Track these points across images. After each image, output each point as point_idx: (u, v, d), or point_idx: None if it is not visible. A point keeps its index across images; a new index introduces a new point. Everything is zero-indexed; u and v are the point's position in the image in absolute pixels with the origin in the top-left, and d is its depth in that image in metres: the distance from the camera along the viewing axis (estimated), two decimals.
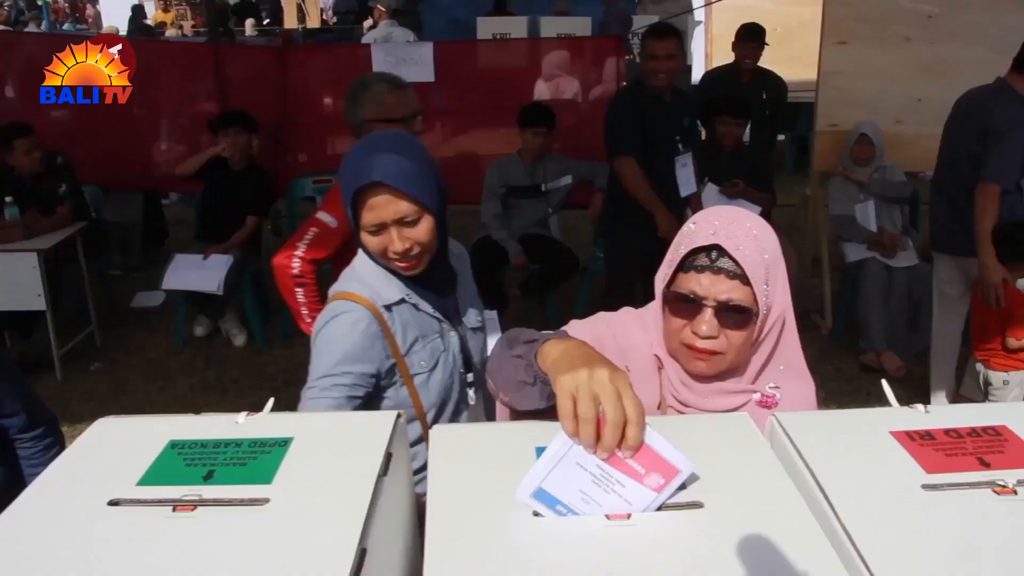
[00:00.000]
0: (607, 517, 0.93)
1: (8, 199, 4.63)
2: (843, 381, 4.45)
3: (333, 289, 1.81)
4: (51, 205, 4.84)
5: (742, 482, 0.99)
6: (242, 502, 0.96)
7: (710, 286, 1.31)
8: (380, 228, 1.64)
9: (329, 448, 1.07)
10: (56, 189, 4.90)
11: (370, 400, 1.74)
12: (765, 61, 5.97)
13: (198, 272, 4.87)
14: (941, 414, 1.13)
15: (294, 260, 2.66)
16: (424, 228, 1.66)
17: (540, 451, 1.05)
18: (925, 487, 0.96)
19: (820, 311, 5.14)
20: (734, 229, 1.32)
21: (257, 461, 1.05)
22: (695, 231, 1.35)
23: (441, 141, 5.79)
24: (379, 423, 1.12)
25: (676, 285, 1.36)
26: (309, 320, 2.65)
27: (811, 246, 5.33)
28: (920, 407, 1.15)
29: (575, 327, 1.48)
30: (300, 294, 2.70)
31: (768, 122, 6.13)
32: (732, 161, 4.87)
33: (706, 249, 1.32)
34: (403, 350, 1.75)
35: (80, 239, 4.91)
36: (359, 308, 1.72)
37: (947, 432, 1.07)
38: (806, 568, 0.85)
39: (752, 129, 5.77)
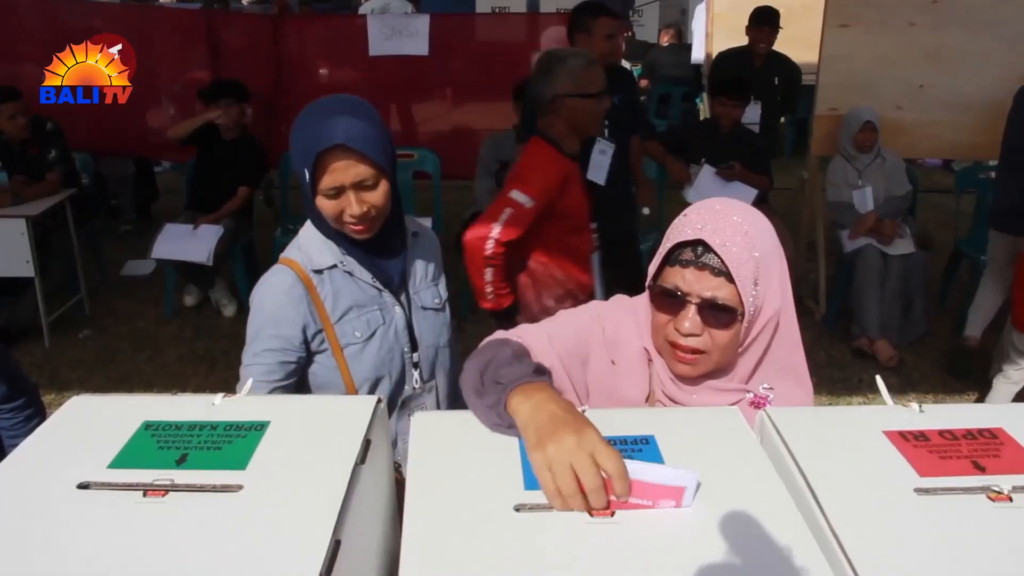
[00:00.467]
0: (590, 514, 0.90)
1: None
2: (835, 368, 4.43)
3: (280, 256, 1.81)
4: (40, 171, 4.78)
5: (729, 480, 0.97)
6: (215, 488, 0.94)
7: (694, 282, 1.26)
8: (338, 192, 1.63)
9: (306, 433, 1.05)
10: (45, 155, 4.83)
11: (304, 369, 1.75)
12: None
13: (188, 242, 4.82)
14: (936, 414, 1.10)
15: (488, 242, 2.60)
16: (381, 192, 1.66)
17: (523, 442, 1.02)
18: (918, 491, 0.93)
19: (814, 296, 5.11)
20: (723, 224, 1.26)
21: (232, 445, 1.02)
22: (684, 223, 1.30)
23: (435, 115, 5.74)
24: (358, 408, 1.09)
25: (662, 279, 1.32)
26: (491, 300, 2.70)
27: (807, 231, 5.29)
28: (915, 405, 1.12)
29: (563, 318, 1.46)
30: (489, 274, 2.67)
31: (780, 108, 6.09)
32: (729, 142, 4.83)
33: (692, 243, 1.27)
34: (333, 318, 1.74)
35: (70, 206, 4.85)
36: (286, 271, 1.73)
37: (941, 433, 1.04)
38: (792, 572, 0.82)
39: (763, 114, 5.72)
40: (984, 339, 4.19)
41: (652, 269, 1.34)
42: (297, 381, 1.76)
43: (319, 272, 1.74)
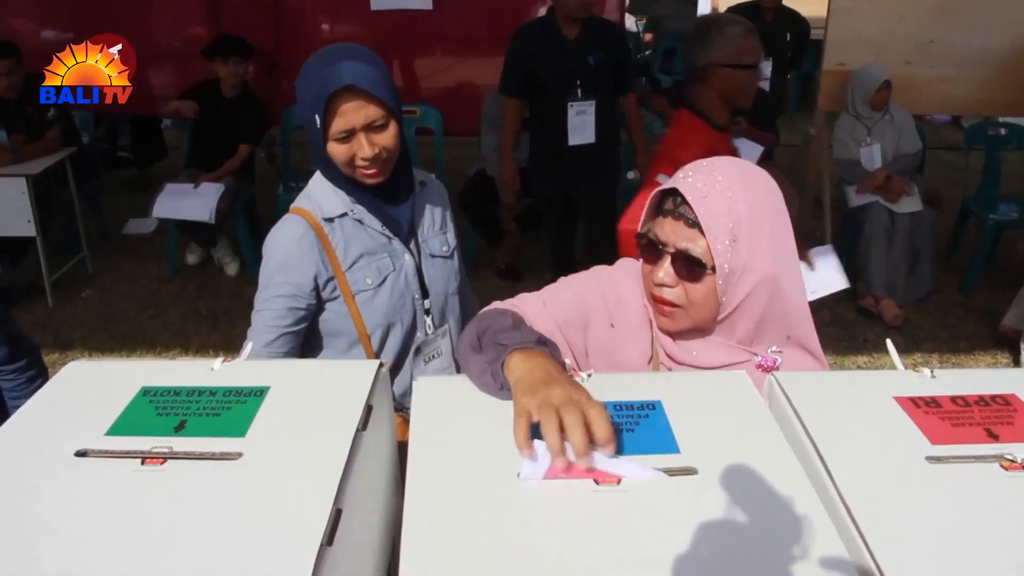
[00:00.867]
0: (596, 482, 0.88)
1: None
2: (840, 327, 4.41)
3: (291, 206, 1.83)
4: (40, 129, 4.74)
5: (737, 446, 0.95)
6: (213, 456, 0.92)
7: (671, 232, 1.26)
8: (349, 135, 1.63)
9: (306, 399, 1.03)
10: (44, 113, 4.78)
11: (315, 316, 1.77)
12: None
13: (189, 200, 4.79)
14: (948, 379, 1.08)
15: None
16: (391, 133, 1.67)
17: None
18: (929, 459, 0.91)
19: None
20: (706, 177, 1.25)
21: (231, 411, 1.01)
22: (676, 174, 1.29)
23: (438, 71, 5.66)
24: (360, 373, 1.07)
25: (648, 227, 1.31)
26: None
27: (813, 188, 5.24)
28: (926, 371, 1.10)
29: (563, 284, 1.44)
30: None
31: (790, 64, 6.01)
32: None
33: (672, 193, 1.27)
34: (344, 265, 1.76)
35: (70, 164, 4.81)
36: (298, 219, 1.75)
37: (954, 400, 1.02)
38: (801, 540, 0.81)
39: (773, 70, 5.65)
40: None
41: (643, 217, 1.33)
42: (308, 329, 1.77)
43: (330, 220, 1.75)
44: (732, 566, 0.78)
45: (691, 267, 1.25)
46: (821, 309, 4.56)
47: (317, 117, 1.61)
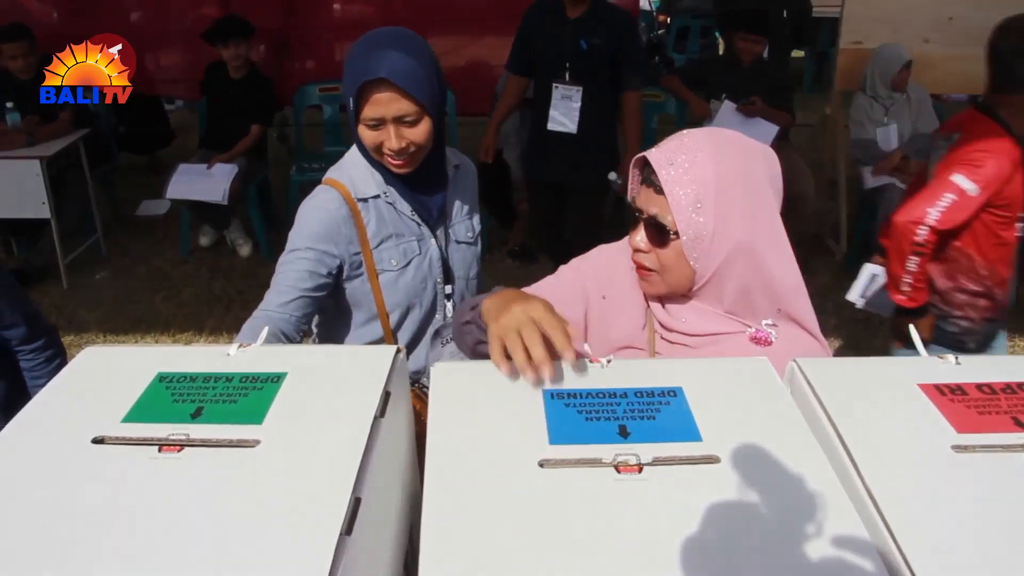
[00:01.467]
0: (617, 470, 0.87)
1: (9, 105, 4.53)
2: (856, 309, 4.37)
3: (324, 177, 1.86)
4: (52, 111, 4.74)
5: (760, 435, 0.93)
6: (230, 443, 0.92)
7: (645, 199, 1.32)
8: (379, 123, 1.66)
9: (323, 385, 1.02)
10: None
11: (335, 288, 1.80)
12: None
13: (202, 182, 4.80)
14: (973, 366, 1.06)
15: (921, 228, 2.43)
16: (422, 129, 1.68)
17: (547, 394, 1.00)
18: (955, 448, 0.90)
19: (835, 235, 5.05)
20: (675, 145, 1.29)
21: (248, 398, 1.00)
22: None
23: (450, 50, 5.62)
24: (377, 358, 1.06)
25: (634, 196, 1.38)
26: (905, 293, 2.52)
27: (828, 168, 5.20)
28: (951, 357, 1.08)
29: (560, 270, 1.52)
30: (913, 263, 2.49)
31: (789, 39, 5.93)
32: (750, 77, 4.71)
33: (648, 162, 1.31)
34: (372, 244, 1.79)
35: (83, 146, 4.82)
36: (333, 191, 1.77)
37: (980, 387, 1.01)
38: (825, 529, 0.80)
39: (771, 47, 5.58)
40: None
41: (630, 186, 1.40)
42: (328, 301, 1.81)
43: (363, 200, 1.78)
44: (755, 554, 0.77)
45: (658, 233, 1.30)
46: (837, 291, 4.53)
47: (351, 99, 1.65)
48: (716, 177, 1.25)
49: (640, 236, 1.33)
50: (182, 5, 5.78)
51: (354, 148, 1.82)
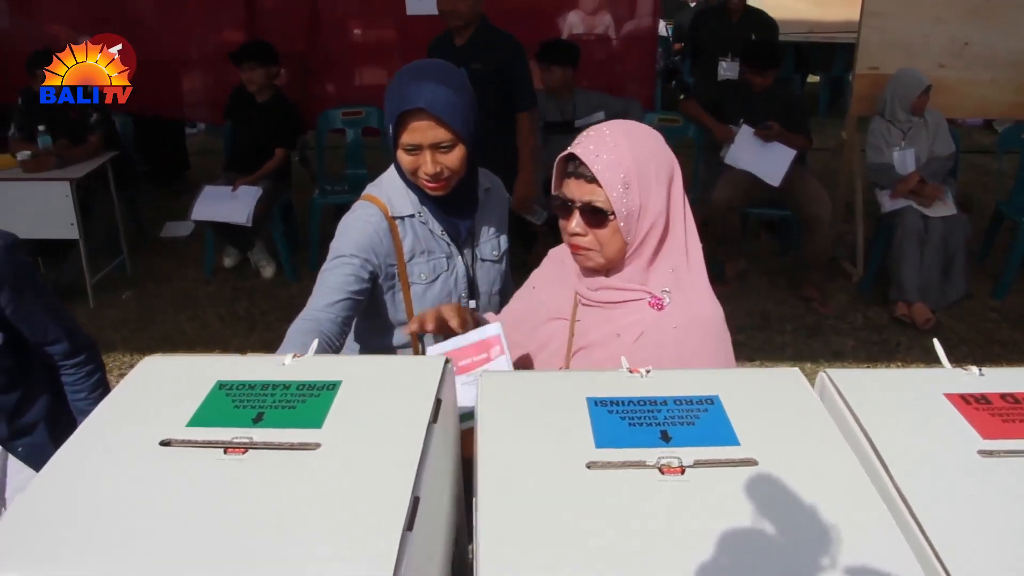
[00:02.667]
0: (660, 472, 0.92)
1: (41, 128, 4.63)
2: (872, 331, 4.42)
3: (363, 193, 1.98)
4: (82, 134, 4.85)
5: (794, 440, 0.98)
6: (292, 446, 0.96)
7: (575, 190, 1.51)
8: (416, 149, 1.77)
9: (378, 393, 1.07)
10: (86, 118, 4.89)
11: (371, 296, 1.90)
12: None
13: (227, 203, 4.88)
14: (996, 377, 1.11)
15: None
16: (456, 156, 1.79)
17: (591, 402, 1.05)
18: (982, 453, 0.95)
19: (852, 258, 5.08)
20: (595, 137, 1.48)
21: (306, 404, 1.05)
22: (574, 142, 1.52)
23: None
24: (428, 368, 1.11)
25: (559, 190, 1.56)
26: None
27: (845, 191, 5.24)
28: (974, 369, 1.13)
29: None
30: None
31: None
32: (766, 101, 4.78)
33: (572, 157, 1.50)
34: (406, 257, 1.90)
35: (110, 168, 4.91)
36: (373, 207, 1.89)
37: (1003, 396, 1.05)
38: (860, 530, 0.84)
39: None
40: None
41: (553, 182, 1.57)
42: (366, 309, 1.91)
43: (399, 218, 1.90)
44: (795, 551, 0.82)
45: (595, 215, 1.50)
46: (854, 313, 4.58)
47: (391, 126, 1.76)
48: (635, 160, 1.47)
49: (576, 222, 1.52)
50: (207, 30, 5.90)
51: (392, 169, 1.93)
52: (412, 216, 1.90)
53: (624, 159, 1.46)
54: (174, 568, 0.79)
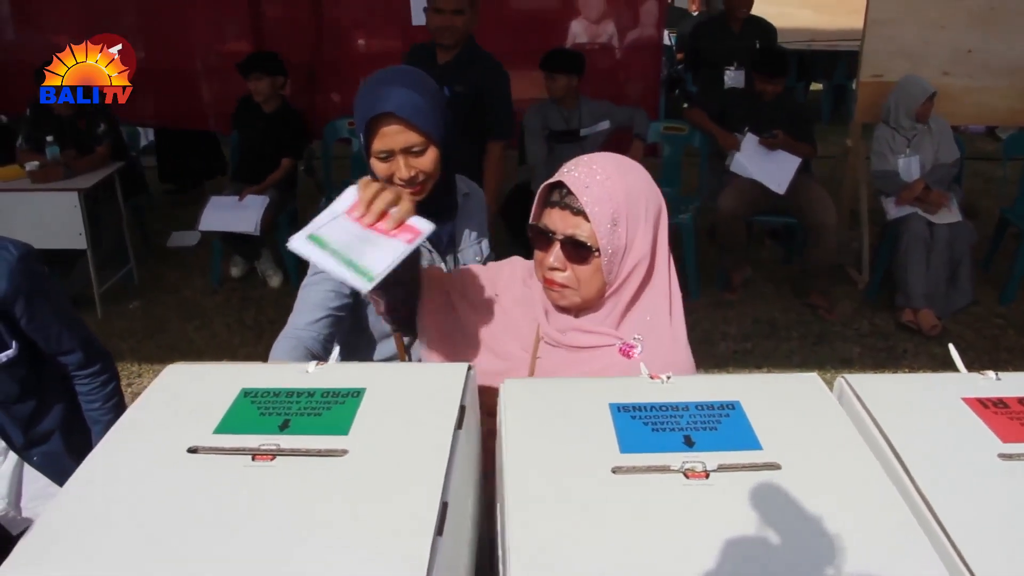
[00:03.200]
0: (685, 476, 0.93)
1: (49, 138, 4.66)
2: (879, 337, 4.42)
3: None
4: (89, 144, 4.87)
5: (816, 444, 1.00)
6: (320, 453, 0.98)
7: (559, 221, 1.41)
8: (388, 155, 1.75)
9: (402, 400, 1.08)
10: (94, 128, 4.92)
11: (355, 309, 1.89)
12: (804, 7, 5.83)
13: (234, 213, 4.90)
14: (1013, 381, 1.12)
15: None
16: (430, 158, 1.77)
17: (613, 408, 1.06)
18: (1002, 456, 0.96)
19: (857, 265, 5.09)
20: (587, 170, 1.39)
21: (331, 411, 1.06)
22: (560, 169, 1.44)
23: None
24: (451, 375, 1.12)
25: (539, 219, 1.47)
26: None
27: (849, 199, 5.26)
28: (991, 373, 1.14)
29: (488, 266, 1.71)
30: None
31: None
32: (772, 110, 4.79)
33: (557, 186, 1.42)
34: None
35: (118, 178, 4.94)
36: None
37: (1020, 400, 1.07)
38: (884, 532, 0.85)
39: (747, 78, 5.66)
40: None
41: (533, 210, 1.49)
42: (348, 321, 1.89)
43: None
44: (821, 553, 0.83)
45: (578, 250, 1.40)
46: (860, 320, 4.59)
47: (362, 135, 1.76)
48: (626, 195, 1.39)
49: (555, 255, 1.42)
50: (215, 40, 5.93)
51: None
52: None
53: (615, 194, 1.38)
54: (207, 574, 0.80)
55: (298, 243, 1.26)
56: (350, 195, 1.33)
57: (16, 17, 5.72)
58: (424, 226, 1.31)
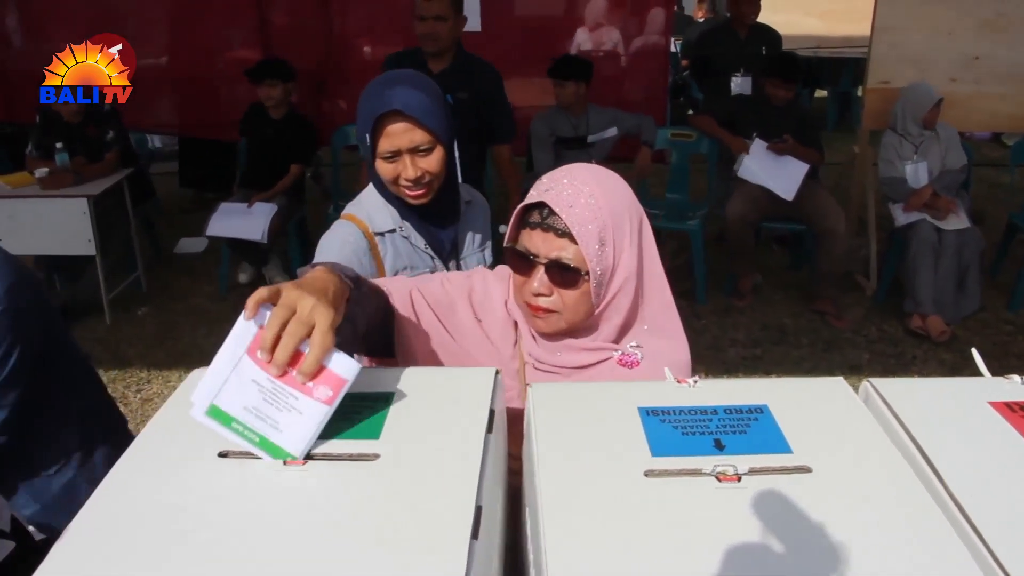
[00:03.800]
0: (717, 479, 0.94)
1: (58, 145, 4.67)
2: (888, 343, 4.42)
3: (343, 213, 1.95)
4: (98, 151, 4.89)
5: (845, 447, 1.00)
6: (351, 457, 0.98)
7: (541, 244, 1.32)
8: (395, 155, 1.76)
9: (432, 404, 1.09)
10: (103, 135, 4.94)
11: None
12: (810, 14, 5.84)
13: (242, 220, 4.91)
14: None
15: None
16: (436, 158, 1.78)
17: (642, 411, 1.06)
18: None
19: (865, 272, 5.10)
20: (569, 187, 1.30)
21: (361, 415, 1.07)
22: (535, 187, 1.35)
23: None
24: (480, 379, 1.13)
25: (517, 241, 1.37)
26: None
27: (857, 205, 5.26)
28: (1016, 378, 1.14)
29: (453, 277, 1.54)
30: None
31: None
32: (781, 115, 4.80)
33: (538, 206, 1.32)
34: (388, 275, 1.87)
35: (126, 185, 4.95)
36: (351, 225, 1.87)
37: None
38: (920, 535, 0.85)
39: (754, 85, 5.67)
40: None
41: (508, 232, 1.39)
42: (347, 326, 1.85)
43: (380, 235, 1.88)
44: (855, 555, 0.83)
45: (566, 274, 1.32)
46: (868, 326, 4.59)
47: (367, 136, 1.75)
48: (612, 213, 1.31)
49: (539, 281, 1.33)
50: (223, 47, 5.95)
51: (370, 187, 1.93)
52: (393, 231, 1.89)
53: (601, 212, 1.30)
54: None
55: (200, 418, 1.02)
56: (249, 327, 1.10)
57: (25, 27, 5.74)
58: (348, 372, 1.01)
